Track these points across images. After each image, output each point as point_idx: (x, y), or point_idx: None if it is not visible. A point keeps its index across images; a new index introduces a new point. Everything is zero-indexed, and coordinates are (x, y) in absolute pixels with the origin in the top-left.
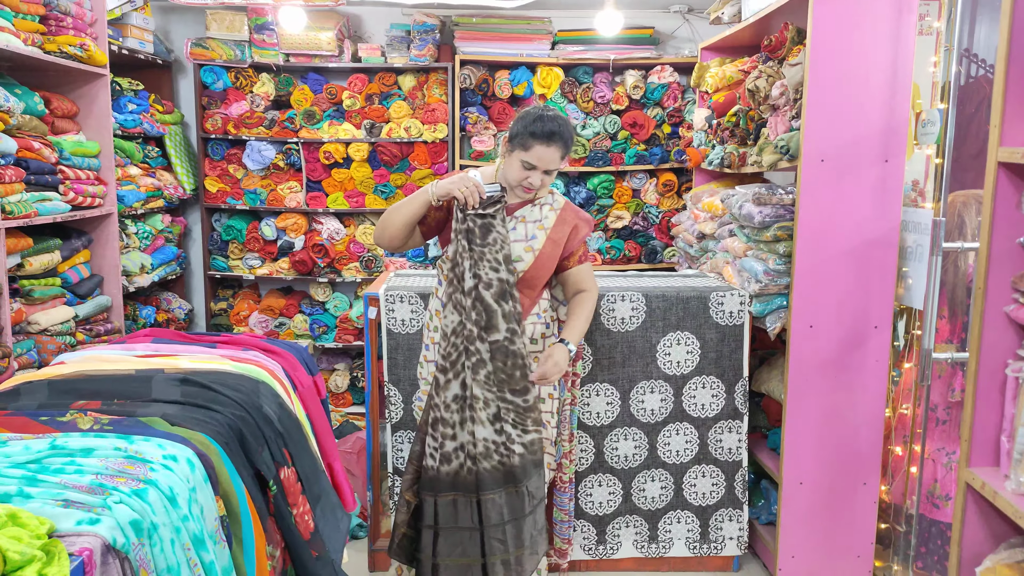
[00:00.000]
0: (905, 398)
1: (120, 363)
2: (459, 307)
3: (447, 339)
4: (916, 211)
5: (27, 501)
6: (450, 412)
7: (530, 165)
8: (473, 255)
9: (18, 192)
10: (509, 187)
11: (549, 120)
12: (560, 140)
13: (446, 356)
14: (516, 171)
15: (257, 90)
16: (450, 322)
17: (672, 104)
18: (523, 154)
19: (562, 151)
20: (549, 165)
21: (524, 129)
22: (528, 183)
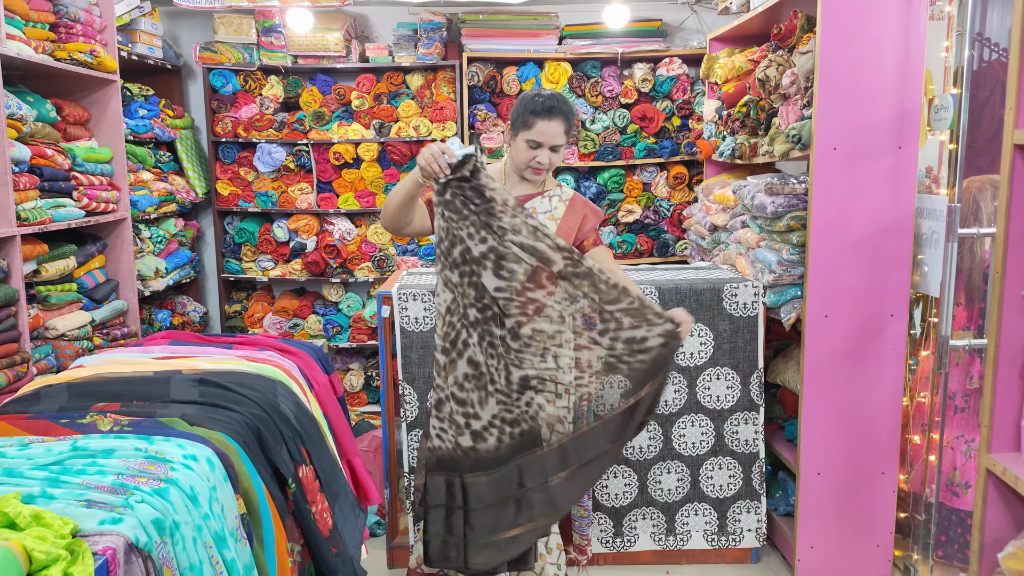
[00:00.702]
0: (923, 386)
1: (138, 365)
2: (448, 284)
3: (443, 318)
4: (931, 197)
5: (50, 502)
6: (465, 391)
7: (535, 143)
8: (453, 228)
9: (33, 199)
10: (519, 175)
11: (547, 97)
12: (560, 113)
13: (445, 336)
14: (522, 153)
15: (266, 92)
16: (443, 300)
17: (681, 96)
18: (526, 133)
19: (564, 125)
20: (554, 140)
21: (524, 109)
22: (536, 163)
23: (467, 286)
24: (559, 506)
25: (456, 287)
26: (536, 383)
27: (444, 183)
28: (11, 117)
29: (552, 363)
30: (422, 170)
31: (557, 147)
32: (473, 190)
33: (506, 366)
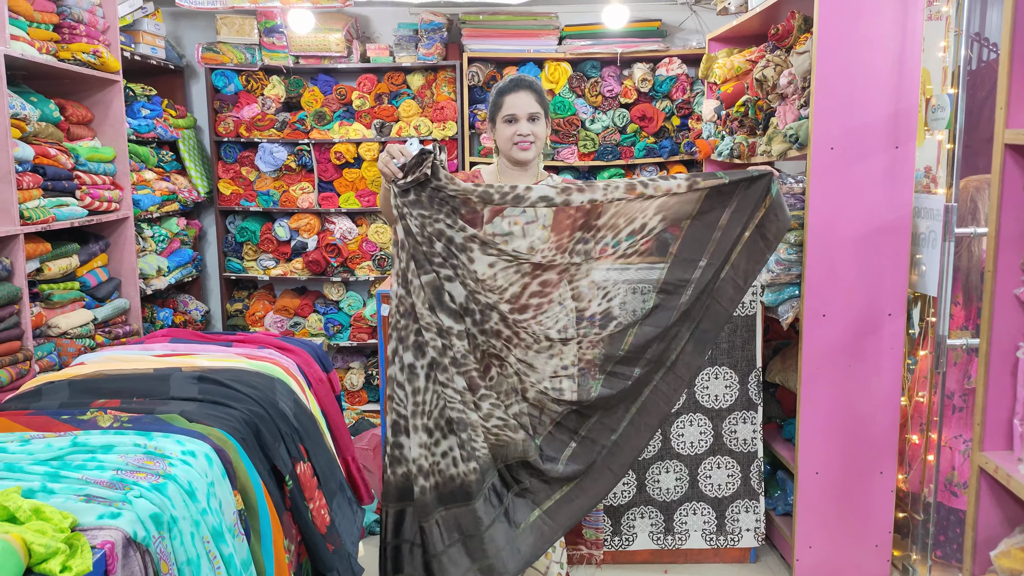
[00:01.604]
0: (921, 386)
1: (138, 363)
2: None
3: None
4: (928, 197)
5: (50, 496)
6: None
7: (510, 117)
8: (427, 224)
9: (36, 198)
10: (510, 160)
11: (509, 78)
12: (525, 84)
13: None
14: (503, 133)
15: (268, 92)
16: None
17: (681, 96)
18: (500, 114)
19: (533, 95)
20: (527, 108)
21: (492, 97)
22: (518, 135)
23: (460, 282)
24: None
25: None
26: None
27: (404, 188)
28: (15, 117)
29: (561, 326)
30: (382, 174)
31: (534, 116)
32: (435, 191)
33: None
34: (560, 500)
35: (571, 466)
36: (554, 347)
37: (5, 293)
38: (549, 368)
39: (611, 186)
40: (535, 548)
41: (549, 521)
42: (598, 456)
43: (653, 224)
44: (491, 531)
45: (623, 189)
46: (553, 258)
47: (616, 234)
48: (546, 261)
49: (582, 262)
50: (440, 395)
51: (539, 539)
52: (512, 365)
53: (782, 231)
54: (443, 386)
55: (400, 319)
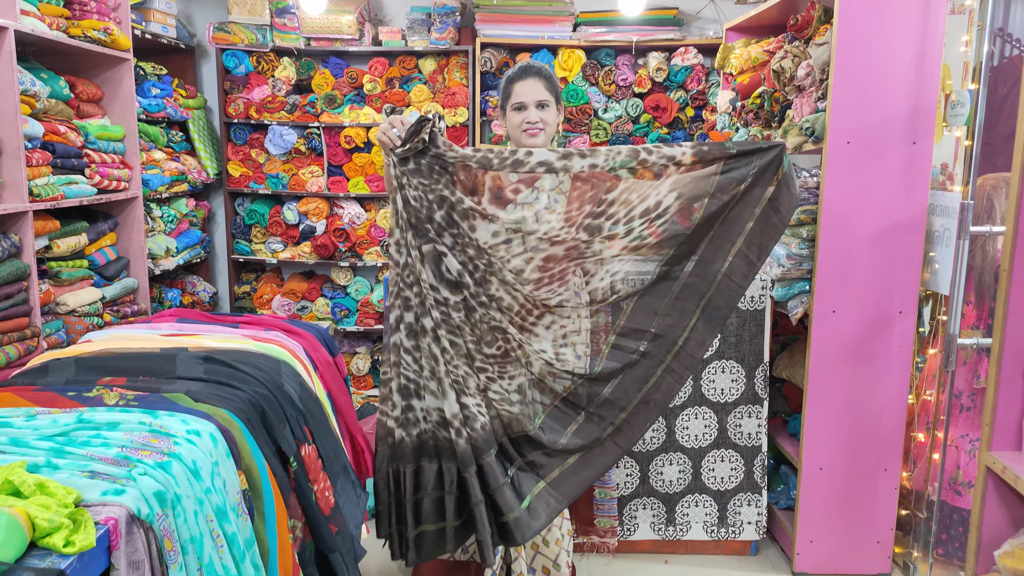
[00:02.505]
0: (929, 384)
1: (145, 341)
2: (432, 259)
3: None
4: (944, 194)
5: (55, 472)
6: (489, 363)
7: (519, 104)
8: (427, 194)
9: (45, 175)
10: (520, 147)
11: (519, 65)
12: (533, 71)
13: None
14: (513, 120)
15: (279, 74)
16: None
17: (696, 87)
18: (510, 102)
19: (542, 82)
20: (536, 96)
21: (503, 85)
22: (527, 122)
23: (459, 251)
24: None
25: (447, 255)
26: (554, 320)
27: (402, 156)
28: (25, 93)
29: (570, 294)
30: (380, 144)
31: (543, 103)
32: (434, 158)
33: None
34: (564, 472)
35: (575, 440)
36: (557, 317)
37: (14, 269)
38: (550, 336)
39: (613, 151)
40: (543, 518)
41: (554, 492)
42: (604, 432)
43: (668, 203)
44: (502, 491)
45: (625, 154)
46: (561, 233)
47: (629, 211)
48: (554, 236)
49: (591, 241)
50: (443, 361)
51: (546, 509)
52: (514, 337)
53: (794, 205)
54: (443, 352)
55: (403, 288)
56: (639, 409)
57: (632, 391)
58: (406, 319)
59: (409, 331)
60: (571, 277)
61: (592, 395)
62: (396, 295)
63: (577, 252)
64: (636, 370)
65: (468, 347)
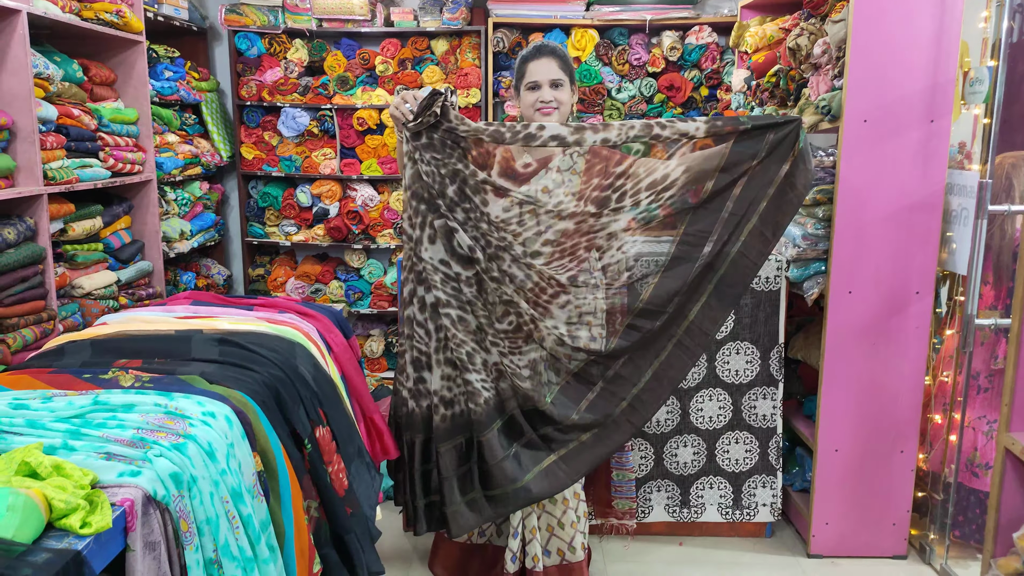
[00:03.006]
0: (946, 365)
1: (160, 324)
2: (449, 233)
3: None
4: (962, 173)
5: (71, 453)
6: (500, 338)
7: (532, 84)
8: (439, 168)
9: (59, 158)
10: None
11: (533, 45)
12: (547, 50)
13: (457, 292)
14: (526, 100)
15: (291, 56)
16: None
17: (710, 66)
18: (524, 81)
19: (556, 61)
20: (549, 75)
21: (517, 65)
22: (541, 101)
23: (472, 226)
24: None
25: (460, 228)
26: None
27: (415, 131)
28: (38, 76)
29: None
30: (393, 120)
31: (557, 82)
32: (447, 132)
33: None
34: (577, 447)
35: (587, 416)
36: (572, 297)
37: (29, 253)
38: (564, 315)
39: (626, 125)
40: (545, 490)
41: (564, 466)
42: (616, 408)
43: (676, 175)
44: (502, 464)
45: (639, 128)
46: (572, 207)
47: (636, 184)
48: (565, 210)
49: (600, 214)
50: (454, 335)
51: (553, 482)
52: (526, 312)
53: (810, 181)
54: (453, 324)
55: (417, 261)
56: (651, 386)
57: (644, 367)
58: (418, 292)
59: (422, 304)
60: (583, 253)
61: (604, 371)
62: (410, 269)
63: (587, 226)
64: (648, 346)
65: (480, 322)
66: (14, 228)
